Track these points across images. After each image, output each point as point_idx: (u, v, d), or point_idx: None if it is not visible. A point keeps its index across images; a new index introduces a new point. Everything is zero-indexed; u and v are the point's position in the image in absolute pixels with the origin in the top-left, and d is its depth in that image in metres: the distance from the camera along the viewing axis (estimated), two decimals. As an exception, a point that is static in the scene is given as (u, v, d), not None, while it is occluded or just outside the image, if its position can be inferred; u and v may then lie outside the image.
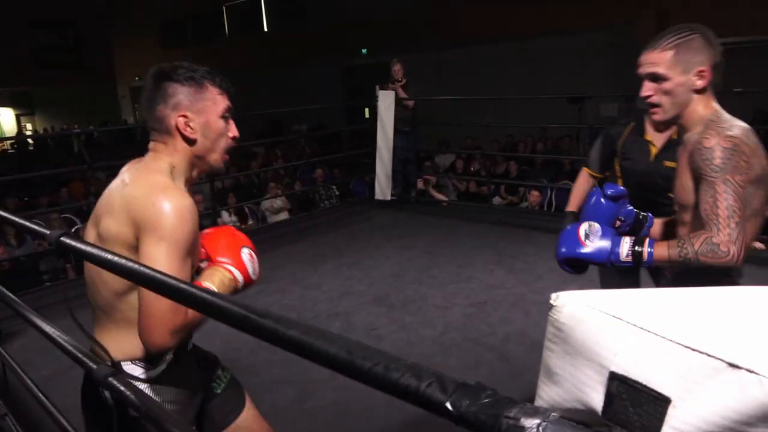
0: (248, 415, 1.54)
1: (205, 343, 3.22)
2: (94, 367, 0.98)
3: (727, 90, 4.14)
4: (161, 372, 1.28)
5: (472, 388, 0.49)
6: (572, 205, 2.50)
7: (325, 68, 14.47)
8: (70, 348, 1.07)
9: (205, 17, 18.13)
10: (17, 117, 21.74)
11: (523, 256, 4.40)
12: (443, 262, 4.37)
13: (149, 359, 1.26)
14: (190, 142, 1.29)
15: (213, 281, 1.29)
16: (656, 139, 2.23)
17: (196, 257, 1.29)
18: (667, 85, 1.38)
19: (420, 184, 6.68)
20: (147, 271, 0.84)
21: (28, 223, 1.31)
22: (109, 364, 1.00)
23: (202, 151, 1.31)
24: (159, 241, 1.15)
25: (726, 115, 1.41)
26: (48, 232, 1.09)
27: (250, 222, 6.97)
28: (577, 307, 0.83)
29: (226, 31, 17.92)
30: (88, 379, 1.27)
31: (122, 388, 0.90)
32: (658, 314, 0.77)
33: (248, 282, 1.40)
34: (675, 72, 1.38)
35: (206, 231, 1.42)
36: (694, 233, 1.34)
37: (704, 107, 1.41)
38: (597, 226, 1.46)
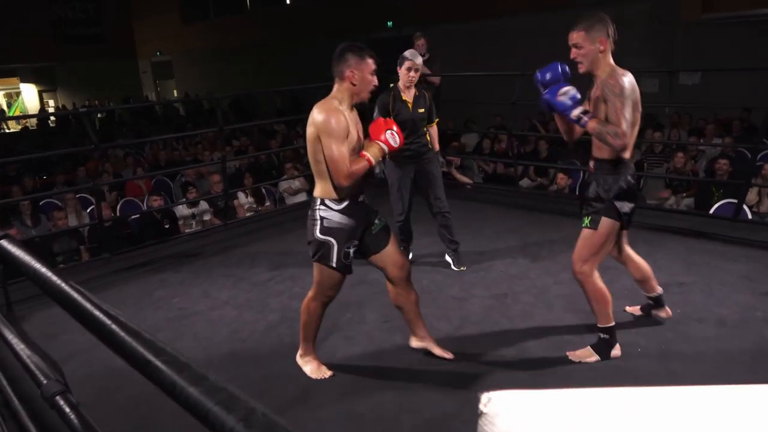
0: (392, 247, 2.64)
1: (212, 332, 3.21)
2: (44, 382, 0.92)
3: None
4: (343, 207, 2.46)
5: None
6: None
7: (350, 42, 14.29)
8: (25, 358, 1.01)
9: (227, -10, 18.08)
10: (39, 93, 22.14)
11: (549, 244, 4.26)
12: (463, 249, 4.25)
13: (337, 200, 2.44)
14: (353, 86, 2.44)
15: (371, 151, 2.43)
16: (408, 99, 3.85)
17: (354, 141, 2.42)
18: (582, 51, 2.47)
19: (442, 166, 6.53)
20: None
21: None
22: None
23: (358, 90, 2.45)
24: (328, 137, 2.34)
25: (618, 68, 2.45)
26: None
27: (267, 203, 6.95)
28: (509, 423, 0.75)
29: (248, 4, 17.81)
30: None
31: (67, 409, 0.84)
32: None
33: (392, 149, 2.46)
34: (587, 42, 2.45)
35: (371, 124, 2.53)
36: (610, 123, 2.37)
37: (605, 64, 2.47)
38: (574, 91, 2.44)
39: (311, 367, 2.72)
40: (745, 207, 4.95)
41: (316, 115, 2.37)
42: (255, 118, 13.56)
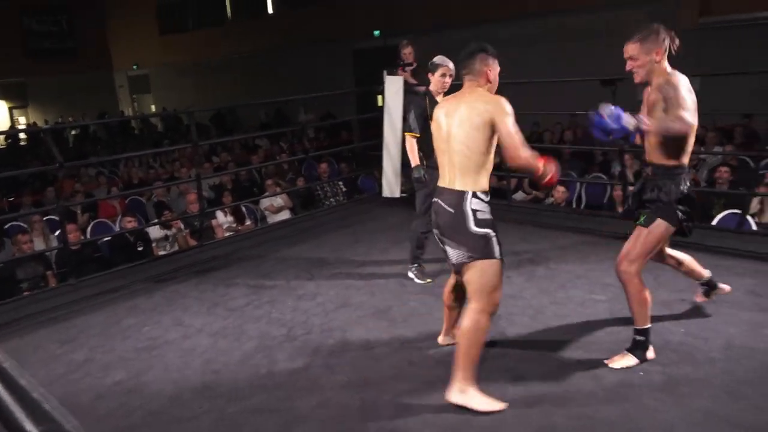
0: None
1: (183, 363, 3.10)
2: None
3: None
4: (489, 199, 2.54)
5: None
6: (416, 161, 3.88)
7: (335, 53, 14.31)
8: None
9: (206, 1, 18.10)
10: (10, 110, 21.98)
11: (545, 262, 4.20)
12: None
13: (486, 191, 2.54)
14: (490, 83, 2.60)
15: (543, 162, 2.49)
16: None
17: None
18: (638, 62, 2.65)
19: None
20: None
21: None
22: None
23: (492, 89, 2.61)
24: (506, 117, 2.44)
25: (675, 72, 2.63)
26: None
27: (248, 222, 6.86)
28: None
29: (228, 15, 17.85)
30: None
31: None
32: None
33: (539, 176, 2.50)
34: (642, 54, 2.64)
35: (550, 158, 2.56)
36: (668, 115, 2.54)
37: (661, 71, 2.65)
38: (615, 108, 2.48)
39: (482, 400, 2.48)
40: (748, 217, 4.93)
41: (487, 101, 2.48)
42: (238, 133, 13.51)
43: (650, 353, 2.77)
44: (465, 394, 2.47)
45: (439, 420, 2.46)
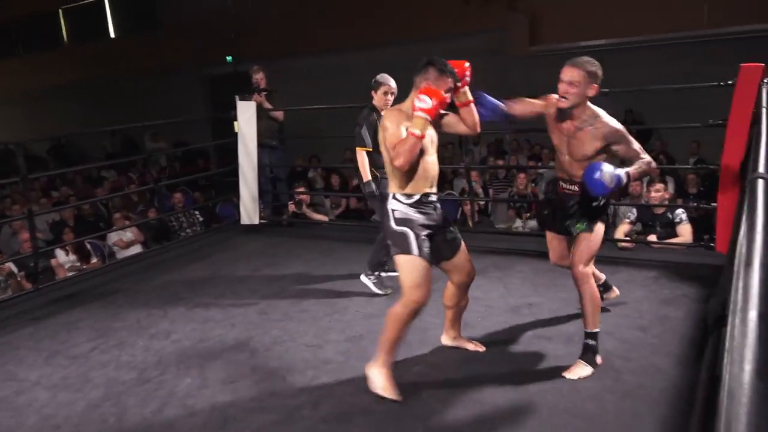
0: (464, 254, 2.88)
1: (17, 421, 2.74)
2: None
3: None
4: (413, 202, 2.68)
5: None
6: (366, 175, 4.01)
7: (186, 79, 13.81)
8: None
9: (38, 22, 16.63)
10: None
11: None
12: (317, 292, 4.16)
13: (406, 194, 2.68)
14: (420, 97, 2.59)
15: (413, 125, 2.55)
16: None
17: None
18: (576, 90, 2.76)
19: (291, 206, 6.43)
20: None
21: None
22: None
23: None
24: (383, 132, 2.65)
25: (597, 109, 2.85)
26: None
27: (94, 260, 6.34)
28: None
29: (65, 38, 16.55)
30: None
31: None
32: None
33: (429, 111, 2.52)
34: (583, 83, 2.76)
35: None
36: (637, 162, 2.76)
37: (587, 104, 2.83)
38: (611, 168, 2.64)
39: (383, 382, 2.67)
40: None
41: (383, 114, 2.73)
42: (80, 165, 12.46)
43: (599, 359, 2.81)
44: (372, 371, 2.70)
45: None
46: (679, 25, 9.01)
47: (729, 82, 3.75)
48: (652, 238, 4.67)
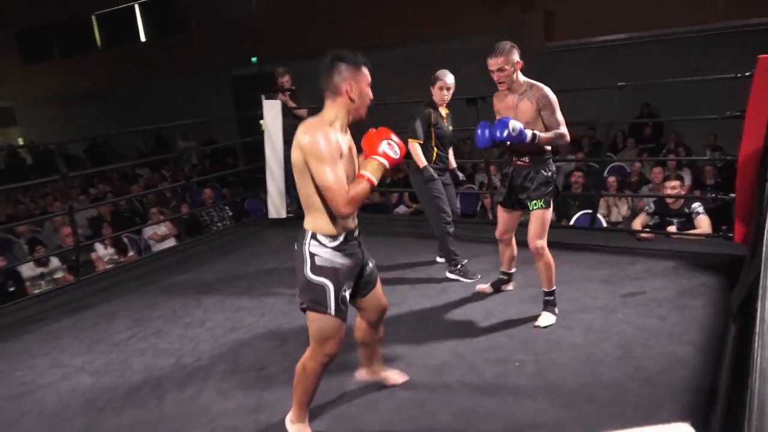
0: (378, 290, 2.43)
1: (63, 405, 2.82)
2: None
3: (611, 85, 4.20)
4: (337, 244, 2.14)
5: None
6: (422, 162, 4.02)
7: (213, 79, 13.92)
8: None
9: (72, 28, 16.87)
10: None
11: (426, 269, 4.31)
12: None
13: (331, 235, 2.13)
14: (351, 100, 2.08)
15: (368, 169, 2.09)
16: (444, 116, 4.11)
17: (347, 160, 2.10)
18: (505, 73, 3.01)
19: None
20: None
21: None
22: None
23: (356, 107, 2.10)
24: (315, 160, 2.00)
25: (534, 82, 3.08)
26: None
27: (131, 253, 6.44)
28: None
29: (98, 42, 16.77)
30: None
31: None
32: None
33: (393, 162, 2.12)
34: (508, 65, 3.00)
35: (365, 136, 2.15)
36: (553, 131, 3.02)
37: (519, 79, 3.07)
38: (517, 123, 2.90)
39: None
40: (600, 216, 5.38)
41: (301, 136, 2.01)
42: (116, 164, 12.68)
43: (556, 309, 3.25)
44: (292, 426, 2.36)
45: None
46: (695, 18, 8.82)
47: (747, 74, 3.67)
48: (672, 229, 4.60)
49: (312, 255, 2.12)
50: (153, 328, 3.69)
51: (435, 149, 4.08)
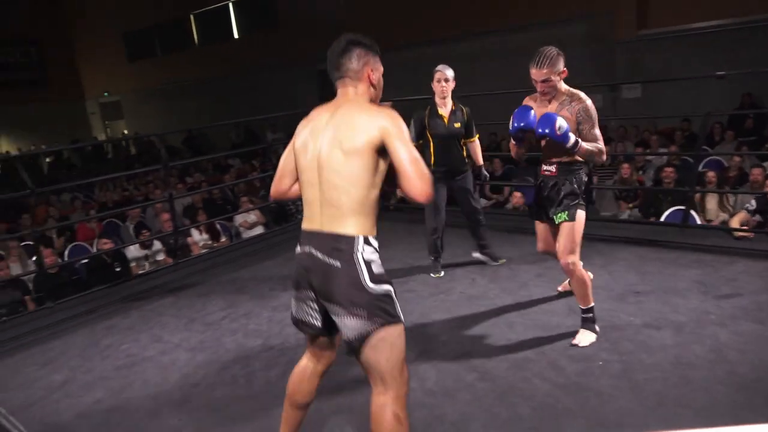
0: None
1: (162, 378, 3.04)
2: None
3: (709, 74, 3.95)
4: (378, 246, 1.86)
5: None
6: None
7: (301, 73, 14.29)
8: None
9: (172, 26, 17.88)
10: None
11: (507, 262, 4.25)
12: (422, 273, 4.21)
13: (375, 236, 1.86)
14: (373, 87, 1.89)
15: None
16: (444, 113, 3.97)
17: None
18: (552, 84, 2.77)
19: (399, 192, 6.50)
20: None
21: None
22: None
23: (376, 95, 1.92)
24: (403, 137, 1.76)
25: (575, 90, 2.84)
26: None
27: (223, 239, 6.78)
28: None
29: (195, 40, 17.67)
30: None
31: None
32: None
33: None
34: (554, 76, 2.75)
35: None
36: (592, 144, 2.78)
37: (563, 88, 2.84)
38: (564, 122, 2.66)
39: None
40: (693, 213, 5.07)
41: (372, 114, 1.74)
42: (210, 155, 13.36)
43: (596, 327, 3.00)
44: None
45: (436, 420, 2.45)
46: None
47: None
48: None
49: (368, 263, 1.77)
50: (243, 310, 3.88)
51: (432, 151, 3.95)
